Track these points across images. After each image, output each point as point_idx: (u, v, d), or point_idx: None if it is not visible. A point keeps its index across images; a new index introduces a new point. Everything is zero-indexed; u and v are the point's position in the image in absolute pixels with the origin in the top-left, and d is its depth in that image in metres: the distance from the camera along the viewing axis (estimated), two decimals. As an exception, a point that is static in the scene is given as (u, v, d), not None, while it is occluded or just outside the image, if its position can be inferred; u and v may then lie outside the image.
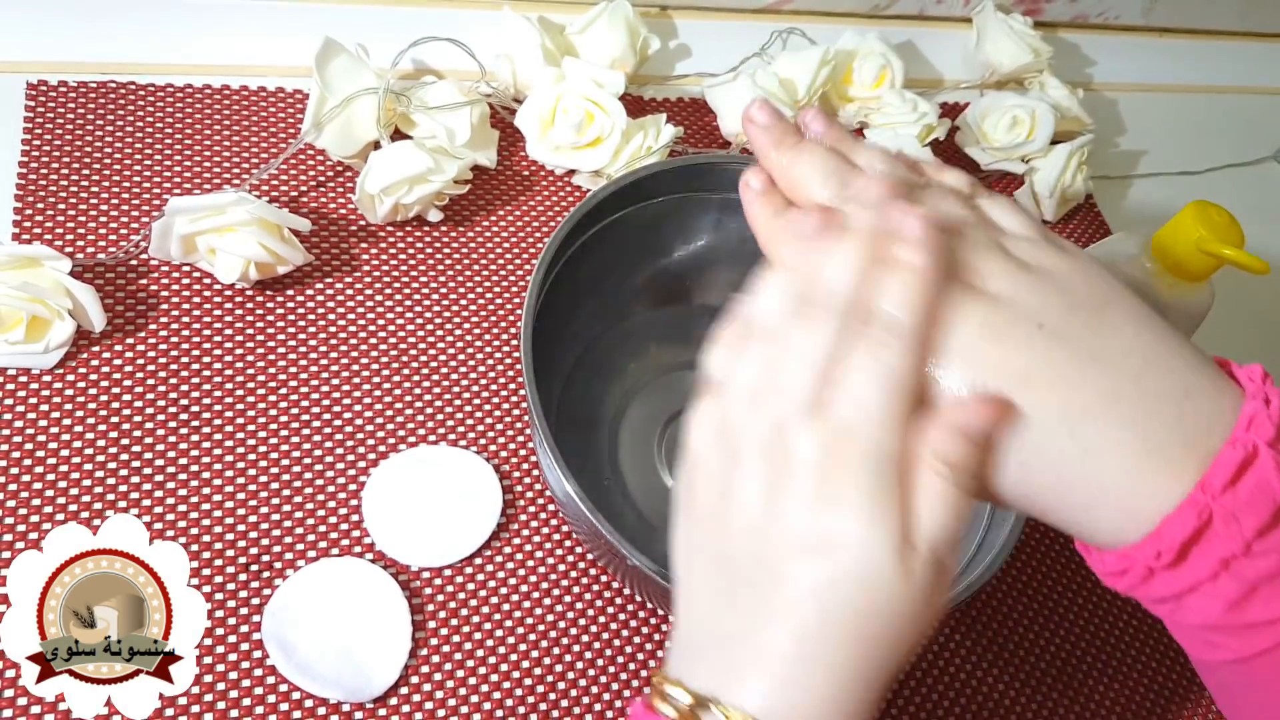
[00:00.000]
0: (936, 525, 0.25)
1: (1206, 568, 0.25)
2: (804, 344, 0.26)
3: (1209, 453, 0.25)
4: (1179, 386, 0.25)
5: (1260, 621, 0.26)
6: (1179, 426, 0.25)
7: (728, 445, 0.27)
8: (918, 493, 0.25)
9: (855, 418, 0.25)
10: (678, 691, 0.26)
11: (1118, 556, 0.26)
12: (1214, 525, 0.25)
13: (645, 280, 0.49)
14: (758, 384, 0.27)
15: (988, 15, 0.66)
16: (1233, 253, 0.42)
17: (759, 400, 0.26)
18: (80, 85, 0.50)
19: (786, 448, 0.26)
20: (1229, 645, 0.27)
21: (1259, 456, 0.25)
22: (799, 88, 0.58)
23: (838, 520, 0.25)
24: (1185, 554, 0.25)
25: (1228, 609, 0.26)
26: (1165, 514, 0.25)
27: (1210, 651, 0.27)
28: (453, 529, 0.42)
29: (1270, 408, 0.25)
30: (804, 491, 0.25)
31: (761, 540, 0.26)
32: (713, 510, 0.27)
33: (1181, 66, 0.77)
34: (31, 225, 0.45)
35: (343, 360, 0.46)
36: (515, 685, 0.40)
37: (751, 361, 0.27)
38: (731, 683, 0.26)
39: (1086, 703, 0.47)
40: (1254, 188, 0.73)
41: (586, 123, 0.52)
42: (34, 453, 0.40)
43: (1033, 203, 0.62)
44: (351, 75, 0.49)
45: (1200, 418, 0.25)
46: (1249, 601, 0.25)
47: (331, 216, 0.50)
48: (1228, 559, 0.25)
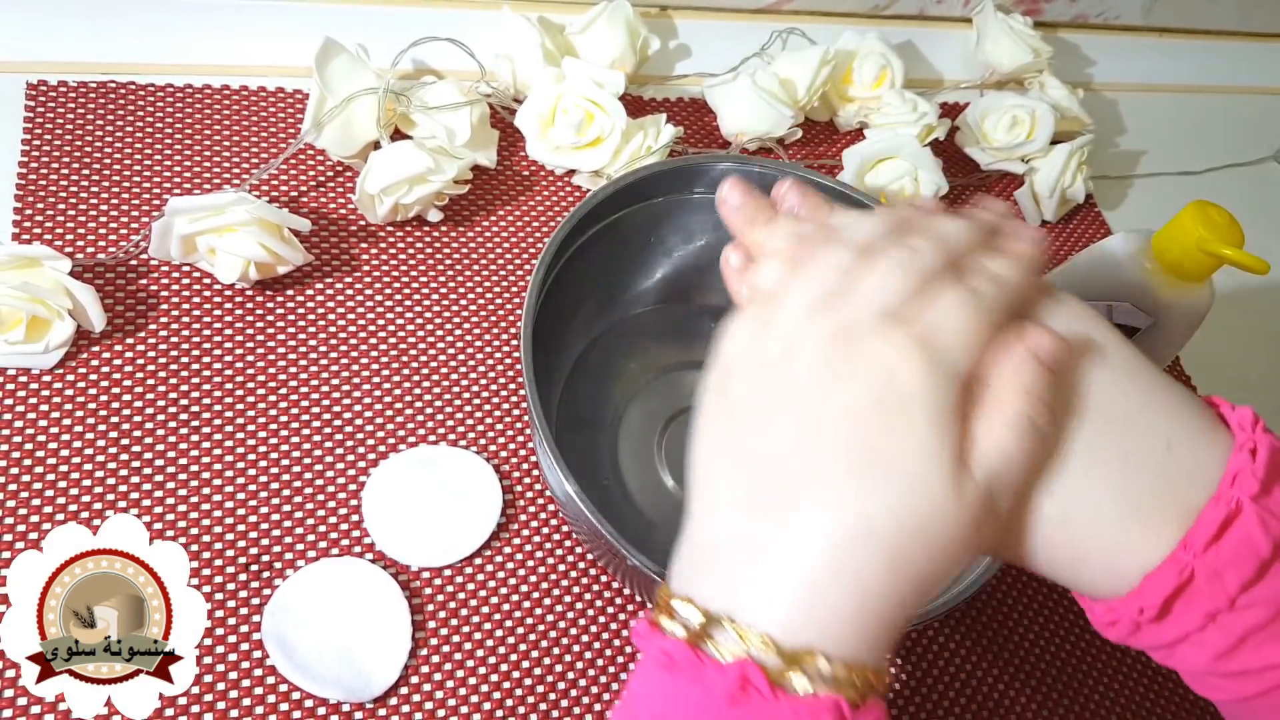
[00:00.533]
0: (995, 450, 0.24)
1: (1192, 621, 0.25)
2: (897, 260, 0.26)
3: (1192, 509, 0.25)
4: (1160, 442, 0.25)
5: (1250, 670, 0.26)
6: (1160, 484, 0.25)
7: (778, 346, 0.26)
8: (981, 419, 0.25)
9: (937, 333, 0.25)
10: (687, 609, 0.25)
11: (1105, 609, 0.26)
12: (1196, 582, 0.25)
13: (645, 280, 0.49)
14: (828, 290, 0.26)
15: (988, 15, 0.66)
16: (1233, 253, 0.42)
17: (827, 304, 0.25)
18: (80, 85, 0.50)
19: (851, 350, 0.25)
20: (1223, 687, 0.27)
21: (1242, 512, 0.25)
22: (799, 88, 0.58)
23: (896, 429, 0.24)
24: (1168, 609, 0.25)
25: (1216, 658, 0.26)
26: (1147, 571, 0.25)
27: (1207, 691, 0.28)
28: (453, 529, 0.42)
29: (1256, 460, 0.25)
30: (859, 398, 0.24)
31: (806, 442, 0.25)
32: (749, 408, 0.26)
33: (1182, 66, 0.77)
34: (31, 225, 0.45)
35: (343, 360, 0.46)
36: (515, 685, 0.40)
37: (823, 270, 0.26)
38: (746, 598, 0.24)
39: (1086, 703, 0.47)
40: (1254, 188, 0.73)
41: (586, 123, 0.52)
42: (34, 453, 0.40)
43: (1033, 203, 0.62)
44: (351, 75, 0.49)
45: (1182, 473, 0.25)
46: (1237, 651, 0.26)
47: (331, 216, 0.50)
48: (1213, 613, 0.25)
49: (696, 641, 0.24)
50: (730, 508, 0.25)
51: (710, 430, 0.27)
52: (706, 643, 0.24)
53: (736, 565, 0.25)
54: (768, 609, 0.24)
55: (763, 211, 0.31)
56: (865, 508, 0.24)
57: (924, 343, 0.24)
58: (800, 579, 0.24)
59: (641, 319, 0.50)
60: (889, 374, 0.24)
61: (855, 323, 0.25)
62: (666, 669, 0.24)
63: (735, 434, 0.26)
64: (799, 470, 0.25)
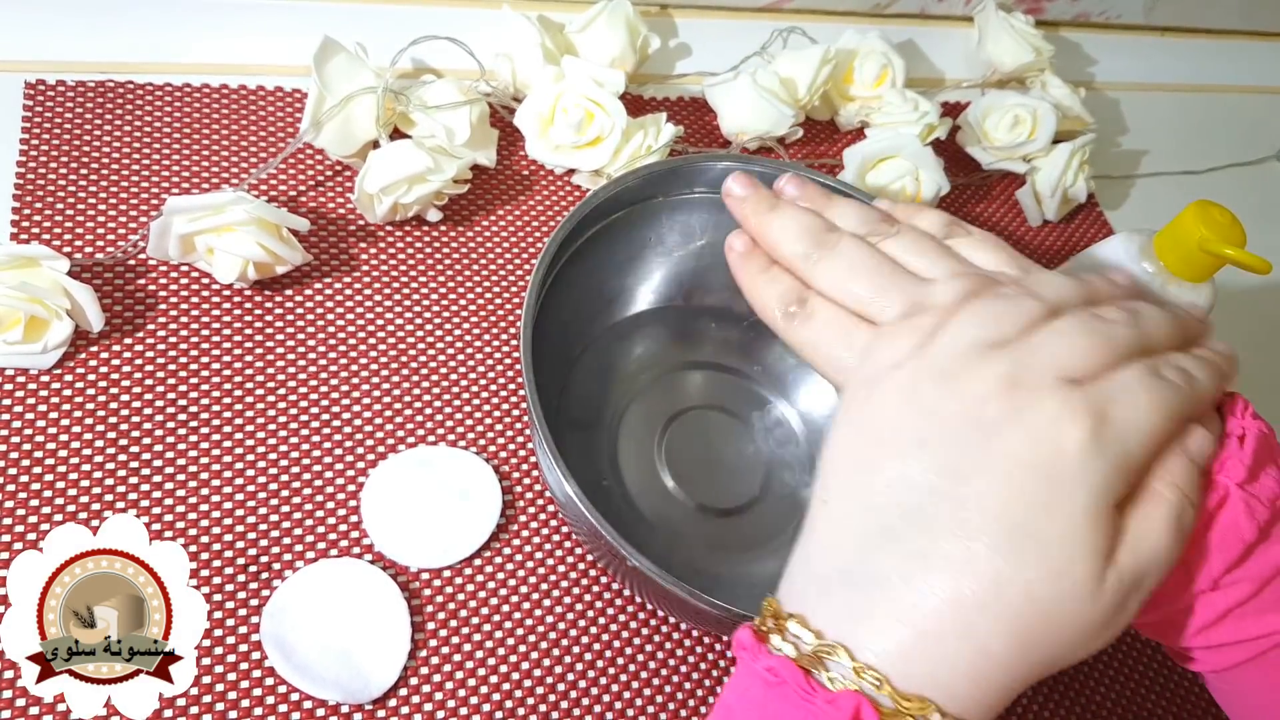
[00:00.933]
0: (1148, 549, 0.23)
1: (1176, 601, 0.26)
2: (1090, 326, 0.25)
3: None
4: None
5: (1229, 642, 0.26)
6: None
7: (938, 368, 0.24)
8: (1136, 513, 0.24)
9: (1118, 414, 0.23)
10: (801, 630, 0.24)
11: None
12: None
13: (645, 280, 0.49)
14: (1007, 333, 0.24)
15: (989, 14, 0.66)
16: (1235, 252, 0.42)
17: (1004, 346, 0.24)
18: (79, 84, 0.49)
19: (1021, 400, 0.23)
20: (1206, 659, 0.28)
21: (1229, 499, 0.25)
22: (799, 87, 0.57)
23: (1052, 506, 0.23)
24: (1162, 585, 0.25)
25: (1197, 633, 0.27)
26: None
27: (1188, 664, 0.29)
28: (452, 530, 0.42)
29: (1244, 446, 0.26)
30: (1012, 461, 0.23)
31: (955, 484, 0.23)
32: (895, 428, 0.24)
33: (1183, 66, 0.77)
34: (29, 225, 0.45)
35: (342, 360, 0.46)
36: (515, 686, 0.40)
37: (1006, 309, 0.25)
38: (865, 633, 0.23)
39: (1088, 704, 0.47)
40: (1256, 187, 0.72)
41: (586, 122, 0.51)
42: (33, 453, 0.40)
43: (1034, 202, 0.62)
44: (350, 74, 0.49)
45: None
46: (1218, 626, 0.26)
47: (330, 216, 0.50)
48: (1197, 593, 0.26)
49: (807, 665, 0.23)
50: (858, 532, 0.24)
51: (845, 442, 0.26)
52: (817, 669, 0.23)
53: (857, 597, 0.24)
54: (885, 650, 0.23)
55: (765, 200, 0.32)
56: (1005, 577, 0.22)
57: (1102, 418, 0.23)
58: (925, 629, 0.23)
59: (641, 319, 0.50)
60: (1057, 439, 0.23)
61: (1031, 373, 0.24)
62: (771, 687, 0.24)
63: (873, 451, 0.25)
64: (942, 513, 0.23)
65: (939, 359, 0.25)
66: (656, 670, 0.42)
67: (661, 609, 0.43)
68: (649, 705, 0.41)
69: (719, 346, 0.51)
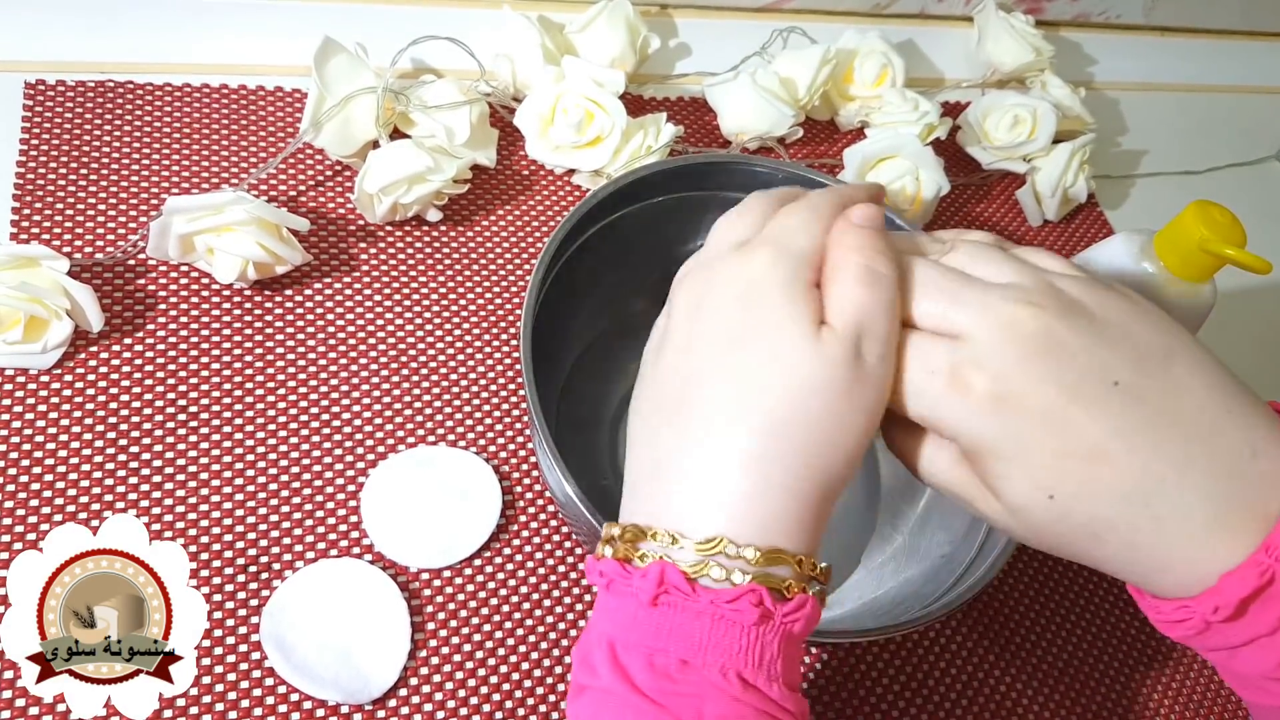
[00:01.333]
0: (848, 300, 0.27)
1: (1265, 624, 0.25)
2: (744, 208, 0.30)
3: (1272, 514, 0.25)
4: (1246, 446, 0.26)
5: None
6: (1247, 489, 0.25)
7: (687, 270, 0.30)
8: (831, 284, 0.27)
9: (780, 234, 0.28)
10: (613, 529, 0.27)
11: (1175, 607, 0.26)
12: (1275, 585, 0.25)
13: (645, 280, 0.49)
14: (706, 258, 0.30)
15: (989, 14, 0.66)
16: (1235, 252, 0.42)
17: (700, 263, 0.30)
18: (78, 84, 0.49)
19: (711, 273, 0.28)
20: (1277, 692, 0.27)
21: None
22: (799, 87, 0.57)
23: (754, 307, 0.27)
24: (1243, 610, 0.25)
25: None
26: (1226, 572, 0.25)
27: (1264, 697, 0.28)
28: (452, 530, 0.42)
29: None
30: (725, 301, 0.27)
31: (691, 351, 0.27)
32: (651, 354, 0.29)
33: (1183, 66, 0.77)
34: (29, 225, 0.45)
35: (342, 360, 0.46)
36: (515, 687, 0.40)
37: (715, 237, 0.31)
38: (663, 508, 0.26)
39: (1089, 704, 0.47)
40: (1256, 187, 0.72)
41: (586, 122, 0.51)
42: (33, 453, 0.40)
43: (1034, 202, 0.62)
44: (350, 74, 0.49)
45: (1266, 478, 0.25)
46: None
47: (330, 216, 0.50)
48: None
49: (623, 556, 0.26)
50: (645, 437, 0.28)
51: (638, 393, 0.30)
52: (634, 556, 0.26)
53: (653, 482, 0.27)
54: (680, 510, 0.26)
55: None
56: (740, 386, 0.26)
57: (768, 242, 0.28)
58: (699, 471, 0.26)
59: (642, 319, 0.49)
60: (744, 274, 0.27)
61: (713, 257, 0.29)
62: (606, 589, 0.26)
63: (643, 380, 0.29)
64: (688, 376, 0.27)
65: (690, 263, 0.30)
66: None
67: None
68: (649, 705, 0.41)
69: (719, 346, 0.50)
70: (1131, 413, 0.25)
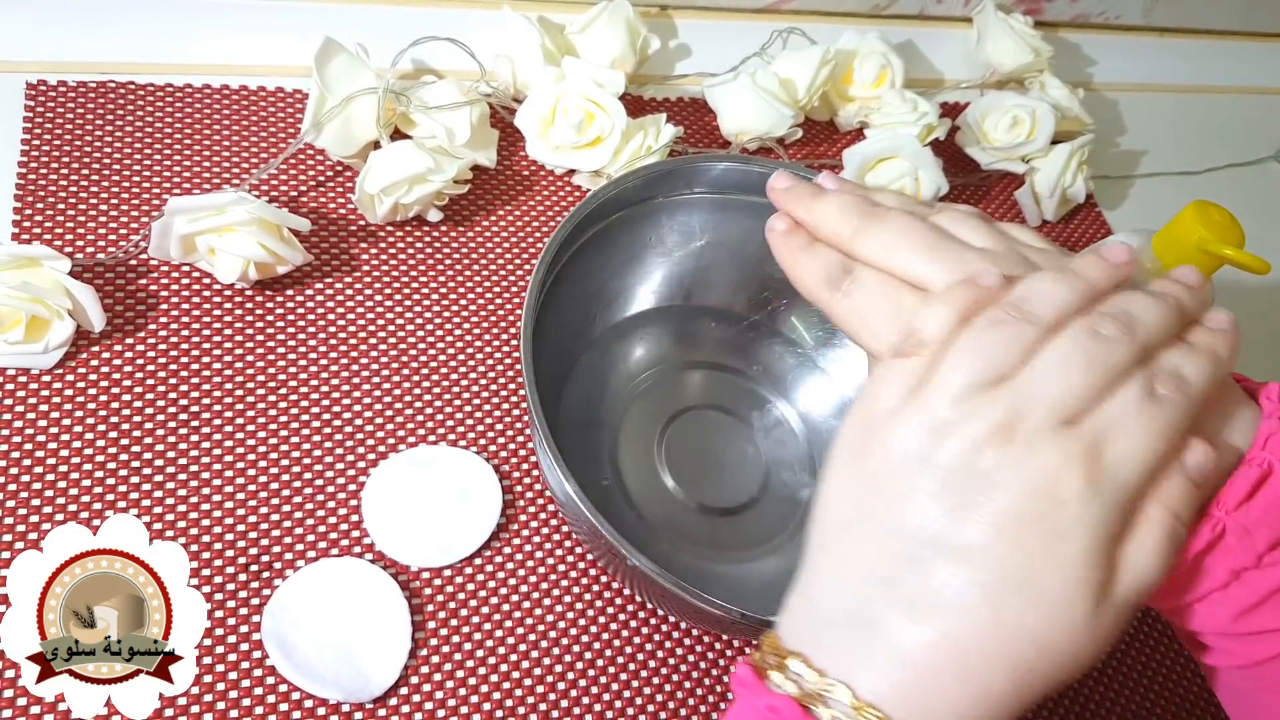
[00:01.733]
0: (1141, 578, 0.24)
1: (1218, 578, 0.26)
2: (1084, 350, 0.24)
3: (1224, 473, 0.25)
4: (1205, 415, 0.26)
5: (1268, 629, 0.26)
6: None
7: (931, 417, 0.24)
8: (1132, 541, 0.24)
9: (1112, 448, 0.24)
10: (801, 667, 0.24)
11: None
12: (1226, 539, 0.25)
13: (645, 280, 0.49)
14: (999, 367, 0.24)
15: (988, 15, 0.66)
16: (1233, 252, 0.42)
17: (997, 385, 0.24)
18: (80, 85, 0.49)
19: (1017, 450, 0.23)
20: (1236, 651, 0.27)
21: (1273, 474, 0.25)
22: (799, 87, 0.57)
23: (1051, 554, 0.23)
24: (1198, 565, 0.26)
25: (1236, 617, 0.26)
26: None
27: (1216, 657, 0.28)
28: (452, 529, 0.42)
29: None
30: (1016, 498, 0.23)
31: (953, 533, 0.24)
32: (890, 474, 0.25)
33: (1182, 66, 0.77)
34: (31, 225, 0.45)
35: (343, 360, 0.46)
36: (515, 685, 0.40)
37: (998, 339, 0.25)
38: (864, 673, 0.24)
39: (1087, 703, 0.47)
40: (1254, 187, 0.73)
41: (586, 122, 0.52)
42: (33, 453, 0.40)
43: (1033, 202, 0.62)
44: (351, 75, 0.49)
45: (1218, 441, 0.26)
46: (1258, 610, 0.26)
47: (331, 216, 0.50)
48: (1239, 570, 0.26)
49: (807, 703, 0.24)
50: (859, 577, 0.25)
51: (843, 487, 0.26)
52: (817, 706, 0.23)
53: (859, 638, 0.24)
54: (884, 689, 0.23)
55: (810, 188, 0.31)
56: (1002, 621, 0.23)
57: (1097, 458, 0.23)
58: (924, 672, 0.23)
59: (641, 319, 0.50)
60: (1053, 489, 0.23)
61: (1024, 417, 0.24)
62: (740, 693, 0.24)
63: (871, 499, 0.25)
64: (942, 560, 0.24)
65: (933, 406, 0.24)
66: (656, 669, 0.42)
67: (661, 608, 0.43)
68: (649, 704, 0.41)
69: (719, 346, 0.51)
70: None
